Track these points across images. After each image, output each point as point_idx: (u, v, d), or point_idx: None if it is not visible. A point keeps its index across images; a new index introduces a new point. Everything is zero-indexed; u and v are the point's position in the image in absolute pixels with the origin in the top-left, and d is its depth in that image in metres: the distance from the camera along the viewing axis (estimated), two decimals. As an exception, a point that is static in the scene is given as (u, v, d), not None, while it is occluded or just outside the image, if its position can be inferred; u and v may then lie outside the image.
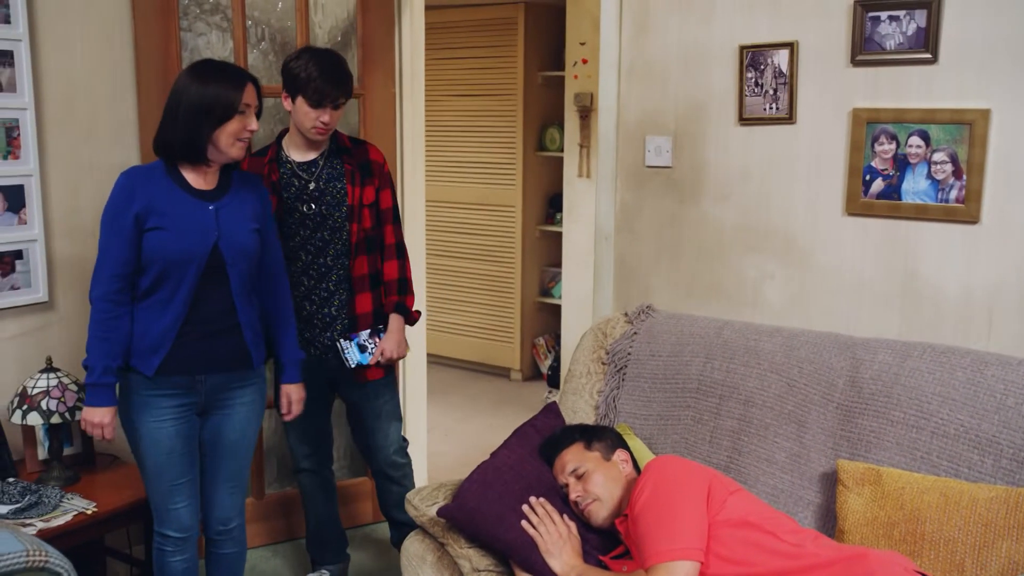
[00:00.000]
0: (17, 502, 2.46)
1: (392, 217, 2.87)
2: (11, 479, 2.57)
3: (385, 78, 3.40)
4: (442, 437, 4.57)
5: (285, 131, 2.83)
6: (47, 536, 2.33)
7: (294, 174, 2.76)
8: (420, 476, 3.54)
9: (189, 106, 2.25)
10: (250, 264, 2.38)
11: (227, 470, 2.48)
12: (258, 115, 2.35)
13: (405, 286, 2.88)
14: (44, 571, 1.94)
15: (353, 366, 2.77)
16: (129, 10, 2.94)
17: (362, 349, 2.78)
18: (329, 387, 2.92)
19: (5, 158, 2.70)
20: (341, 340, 2.78)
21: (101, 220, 2.30)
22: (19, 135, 2.73)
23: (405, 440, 3.01)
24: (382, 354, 2.80)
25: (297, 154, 2.78)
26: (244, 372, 2.43)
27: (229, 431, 2.45)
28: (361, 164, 2.80)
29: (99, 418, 2.31)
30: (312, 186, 2.75)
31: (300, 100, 2.64)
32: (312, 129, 2.68)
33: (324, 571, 3.03)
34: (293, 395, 2.59)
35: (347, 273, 2.79)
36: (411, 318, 2.89)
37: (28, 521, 2.40)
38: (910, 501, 2.02)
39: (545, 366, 5.51)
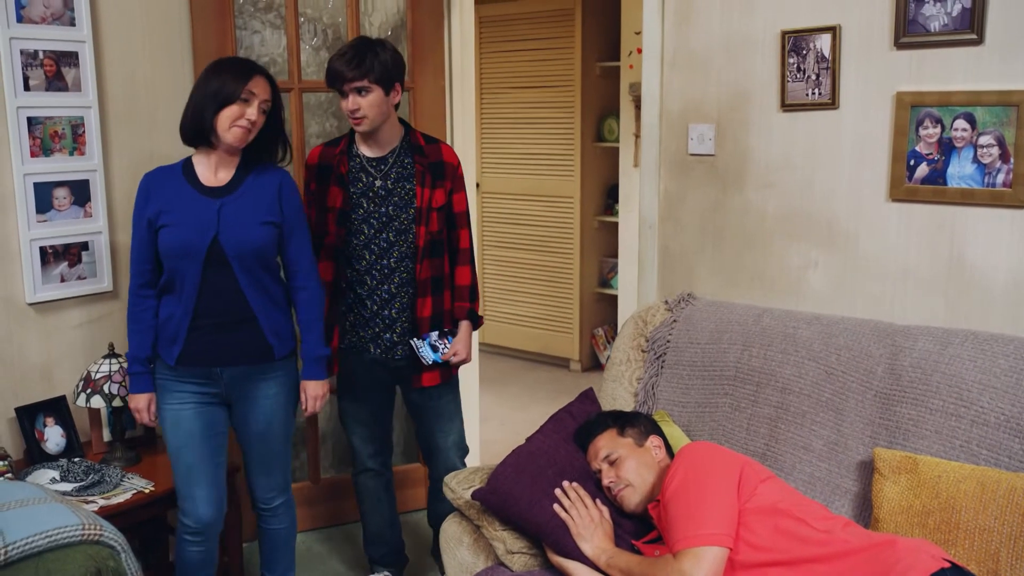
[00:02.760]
0: (81, 480, 2.59)
1: (466, 221, 2.82)
2: (76, 459, 2.71)
3: (435, 72, 3.46)
4: (498, 426, 4.63)
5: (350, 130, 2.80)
6: (107, 513, 2.46)
7: (363, 168, 2.72)
8: (473, 464, 3.59)
9: (200, 94, 2.38)
10: (260, 258, 2.42)
11: (259, 456, 2.57)
12: (271, 110, 2.42)
13: (475, 293, 2.84)
14: (99, 544, 2.05)
15: (430, 363, 2.74)
16: (187, 10, 3.05)
17: (433, 349, 2.76)
18: (393, 386, 2.91)
19: (71, 154, 2.84)
20: (415, 339, 2.74)
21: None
22: (84, 132, 2.86)
23: (466, 447, 2.97)
24: (455, 355, 2.77)
25: (368, 149, 2.72)
26: (266, 364, 2.48)
27: (254, 422, 2.52)
28: (433, 165, 2.72)
29: (135, 404, 2.48)
30: (379, 184, 2.71)
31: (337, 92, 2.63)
32: (349, 119, 2.64)
33: (386, 572, 3.03)
34: (309, 391, 2.59)
35: (411, 276, 2.73)
36: (479, 324, 2.88)
37: (90, 498, 2.53)
38: (946, 490, 1.99)
39: (604, 357, 5.52)
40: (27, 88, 2.72)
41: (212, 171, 2.44)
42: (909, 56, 2.42)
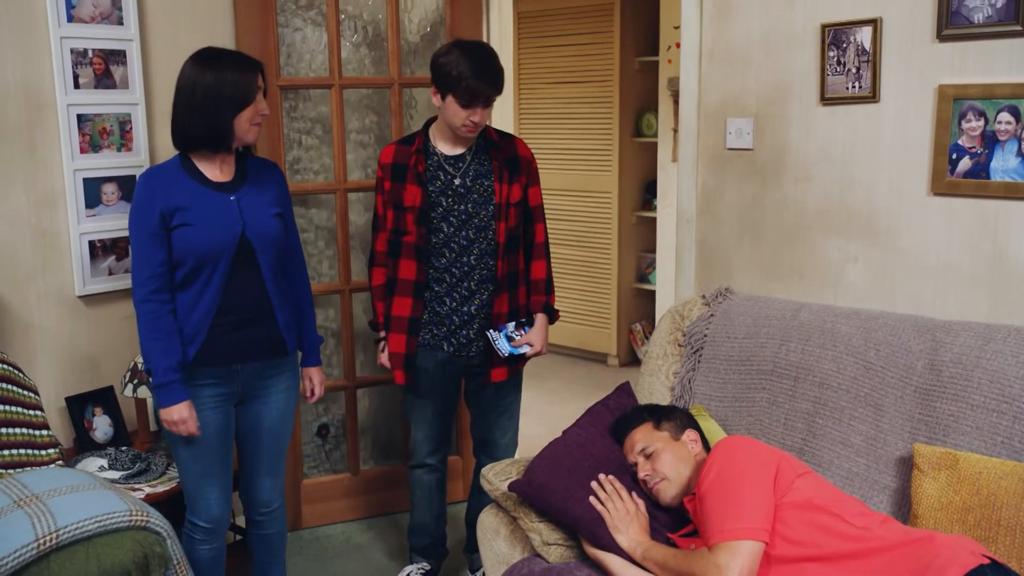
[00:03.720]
0: (128, 468, 2.66)
1: (541, 215, 2.83)
2: (124, 447, 2.79)
3: (473, 67, 3.48)
4: (536, 421, 4.64)
5: (432, 120, 2.76)
6: (153, 500, 2.53)
7: (440, 167, 2.69)
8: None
9: (207, 94, 2.26)
10: (278, 250, 2.43)
11: (268, 456, 2.54)
12: (265, 95, 2.38)
13: (551, 286, 2.85)
14: (145, 530, 2.11)
15: (505, 355, 2.74)
16: (231, 9, 3.11)
17: (509, 340, 2.76)
18: (460, 381, 2.90)
19: (119, 150, 2.91)
20: (491, 331, 2.74)
21: (129, 224, 2.34)
22: (131, 129, 2.93)
23: (517, 445, 2.97)
24: (530, 346, 2.78)
25: (445, 147, 2.70)
26: (279, 359, 2.48)
27: (267, 418, 2.50)
28: (509, 160, 2.72)
29: (177, 415, 2.30)
30: (458, 182, 2.69)
31: (450, 99, 2.57)
32: (462, 127, 2.60)
33: (425, 564, 3.04)
34: (315, 378, 2.62)
35: (491, 273, 2.72)
36: (555, 317, 2.89)
37: (137, 486, 2.59)
38: (987, 486, 1.97)
39: (642, 352, 5.52)
40: (77, 86, 2.79)
41: (217, 168, 2.37)
42: (952, 48, 2.40)
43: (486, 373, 2.78)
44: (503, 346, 2.73)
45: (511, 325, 2.77)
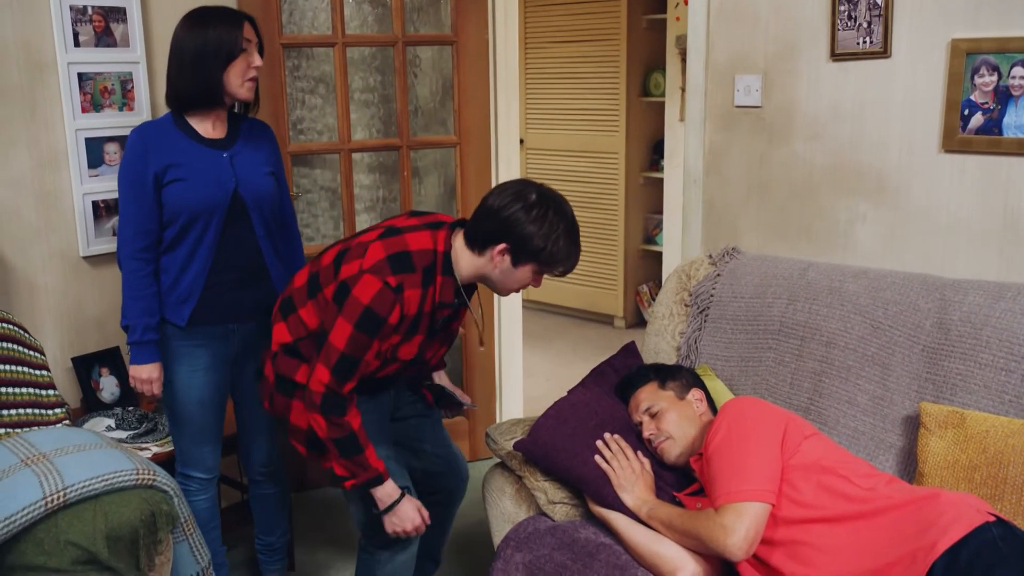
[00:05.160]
0: (135, 428, 2.67)
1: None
2: (131, 408, 2.79)
3: (478, 25, 3.44)
4: (542, 382, 4.65)
5: (444, 255, 2.14)
6: (160, 459, 2.54)
7: (442, 309, 2.21)
8: (516, 417, 3.62)
9: (194, 53, 2.27)
10: (272, 207, 2.43)
11: (266, 417, 2.54)
12: (260, 51, 2.36)
13: None
14: (152, 489, 2.12)
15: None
16: (231, -34, 3.06)
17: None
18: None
19: (121, 109, 2.89)
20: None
21: (119, 179, 2.33)
22: (133, 87, 2.90)
23: None
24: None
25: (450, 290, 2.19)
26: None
27: None
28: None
29: (147, 374, 2.34)
30: (443, 318, 2.26)
31: (529, 267, 2.13)
32: (514, 291, 2.23)
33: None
34: None
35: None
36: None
37: (144, 445, 2.60)
38: (994, 444, 1.96)
39: (648, 313, 5.50)
40: (77, 44, 2.76)
41: (210, 124, 2.36)
42: (965, 2, 2.35)
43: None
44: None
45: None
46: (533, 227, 2.07)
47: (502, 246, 2.10)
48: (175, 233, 2.31)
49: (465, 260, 2.15)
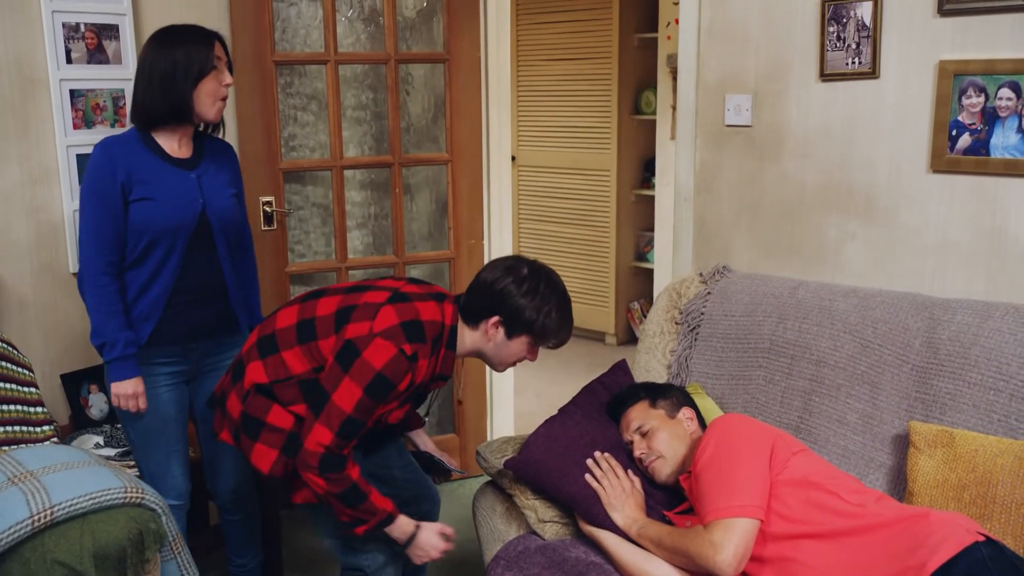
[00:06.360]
0: (123, 446, 2.66)
1: None
2: (119, 425, 2.78)
3: (471, 43, 3.46)
4: (533, 398, 4.65)
5: (452, 329, 2.15)
6: (149, 477, 2.52)
7: (438, 380, 2.24)
8: (507, 435, 3.61)
9: (163, 71, 2.24)
10: (235, 228, 2.43)
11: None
12: (230, 69, 2.35)
13: None
14: (140, 507, 2.11)
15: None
16: (224, -17, 3.07)
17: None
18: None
19: (112, 126, 2.89)
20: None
21: (82, 194, 2.28)
22: (124, 104, 2.91)
23: None
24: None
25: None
26: (231, 337, 2.47)
27: None
28: None
29: (132, 388, 2.29)
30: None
31: (522, 339, 2.16)
32: (512, 365, 2.26)
33: None
34: None
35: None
36: None
37: (132, 463, 2.59)
38: (983, 464, 1.96)
39: (640, 331, 5.49)
40: (69, 61, 2.77)
41: (176, 143, 2.34)
42: (953, 23, 2.37)
43: None
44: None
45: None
46: (525, 300, 2.11)
47: (495, 319, 2.13)
48: (137, 252, 2.28)
49: (467, 336, 2.18)
